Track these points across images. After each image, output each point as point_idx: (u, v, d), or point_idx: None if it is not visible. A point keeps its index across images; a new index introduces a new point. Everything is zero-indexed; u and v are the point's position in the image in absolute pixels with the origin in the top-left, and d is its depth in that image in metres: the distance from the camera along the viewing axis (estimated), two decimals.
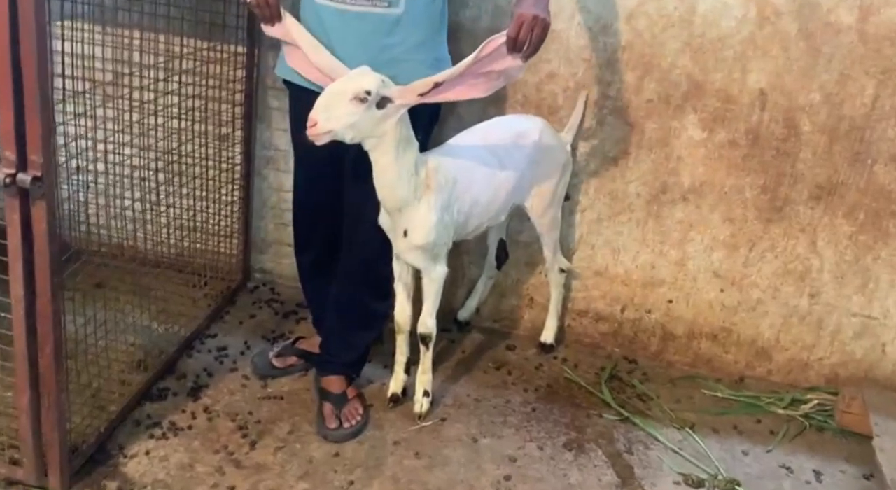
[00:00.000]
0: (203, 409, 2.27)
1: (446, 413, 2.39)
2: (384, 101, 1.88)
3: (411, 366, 2.40)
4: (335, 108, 1.84)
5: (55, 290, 1.70)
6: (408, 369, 2.40)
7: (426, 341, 2.30)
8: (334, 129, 1.85)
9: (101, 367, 2.19)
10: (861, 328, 2.64)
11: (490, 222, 2.37)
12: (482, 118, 2.47)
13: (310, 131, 1.84)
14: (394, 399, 2.38)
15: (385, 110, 1.89)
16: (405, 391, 2.40)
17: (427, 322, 2.27)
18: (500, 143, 2.31)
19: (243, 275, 2.97)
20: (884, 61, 2.35)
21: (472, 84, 1.89)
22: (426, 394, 2.35)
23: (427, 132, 2.19)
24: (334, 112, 1.84)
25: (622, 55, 2.49)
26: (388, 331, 2.43)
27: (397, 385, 2.39)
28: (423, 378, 2.35)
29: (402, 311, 2.31)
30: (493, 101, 2.53)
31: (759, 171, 2.54)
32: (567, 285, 2.77)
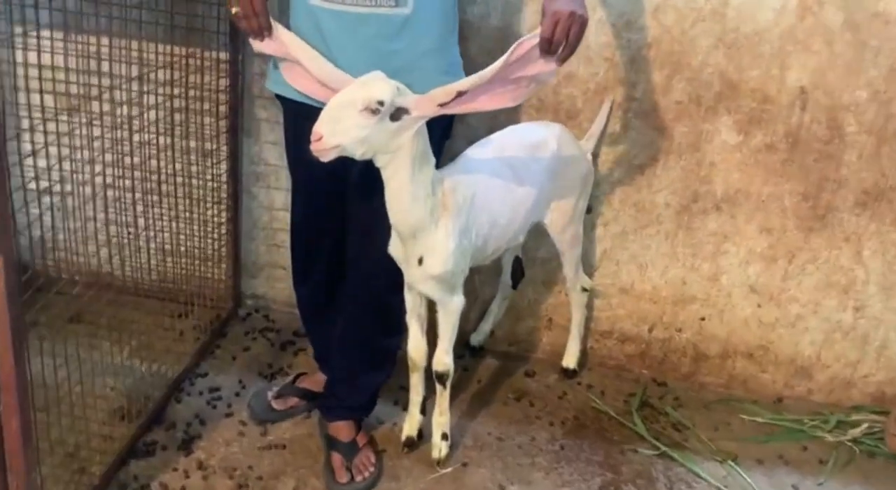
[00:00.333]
0: (197, 465, 2.02)
1: (467, 456, 2.16)
2: (399, 112, 1.63)
3: (427, 405, 2.16)
4: (343, 119, 1.59)
5: (17, 339, 1.40)
6: (423, 409, 2.16)
7: (443, 380, 2.06)
8: (342, 144, 1.61)
9: (76, 418, 1.94)
10: None
11: (509, 244, 2.13)
12: (493, 126, 2.24)
13: (314, 146, 1.59)
14: (409, 443, 2.15)
15: (400, 122, 1.64)
16: (421, 433, 2.17)
17: (444, 359, 2.03)
18: (516, 155, 2.07)
19: (234, 301, 2.72)
20: None
21: (500, 92, 1.65)
22: (444, 437, 2.12)
23: (439, 147, 1.94)
24: (342, 125, 1.59)
25: (648, 53, 2.25)
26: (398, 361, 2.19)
27: (412, 427, 2.15)
28: (441, 420, 2.11)
29: (417, 347, 2.07)
30: None
31: (799, 176, 2.32)
32: (590, 305, 2.54)
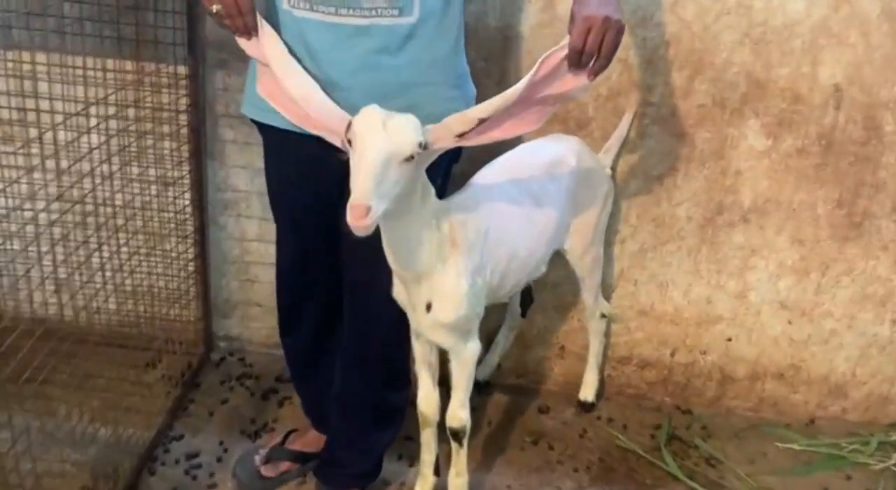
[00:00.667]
0: None
1: None
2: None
3: (439, 461, 1.90)
4: (385, 179, 1.30)
5: None
6: (437, 469, 1.89)
7: (459, 437, 1.79)
8: (386, 208, 1.32)
9: None
10: None
11: (530, 278, 1.88)
12: (499, 143, 1.97)
13: (360, 224, 1.26)
14: None
15: (417, 159, 1.36)
16: None
17: (459, 414, 1.77)
18: (532, 176, 1.81)
19: (205, 345, 2.41)
20: None
21: (524, 115, 1.39)
22: None
23: (447, 174, 1.68)
24: (384, 186, 1.29)
25: (666, 52, 2.01)
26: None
27: None
28: (458, 482, 1.84)
29: (429, 400, 1.80)
30: None
31: (833, 182, 2.11)
32: (606, 330, 2.30)
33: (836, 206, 2.13)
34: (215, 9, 1.36)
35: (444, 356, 1.76)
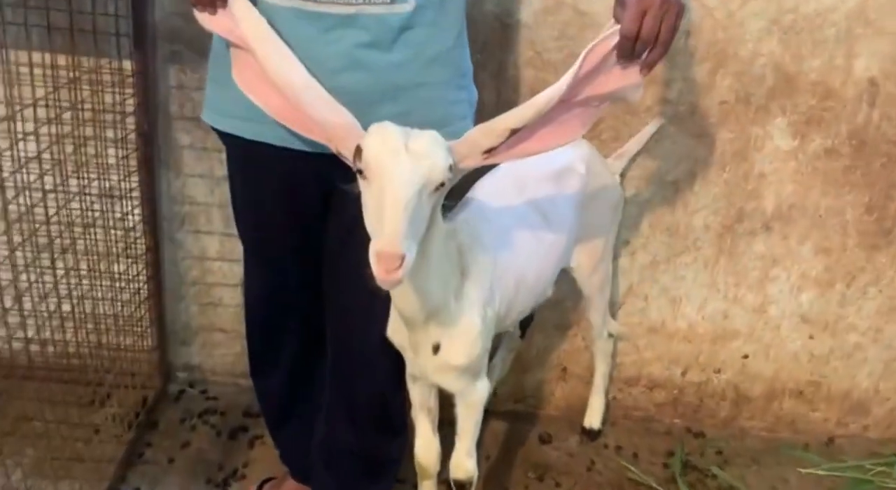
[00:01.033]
0: None
1: None
2: None
3: None
4: (416, 216, 1.04)
5: None
6: None
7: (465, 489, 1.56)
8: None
9: None
10: None
11: (537, 302, 1.65)
12: None
13: (393, 277, 1.01)
14: None
15: (447, 185, 1.12)
16: None
17: (465, 463, 1.53)
18: (539, 189, 1.57)
19: (162, 377, 2.13)
20: None
21: (563, 122, 1.15)
22: None
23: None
24: (415, 224, 1.04)
25: (686, 43, 1.78)
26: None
27: None
28: None
29: (428, 449, 1.57)
30: None
31: (863, 185, 1.92)
32: (613, 351, 2.08)
33: (865, 212, 1.95)
34: None
35: (444, 398, 1.52)
